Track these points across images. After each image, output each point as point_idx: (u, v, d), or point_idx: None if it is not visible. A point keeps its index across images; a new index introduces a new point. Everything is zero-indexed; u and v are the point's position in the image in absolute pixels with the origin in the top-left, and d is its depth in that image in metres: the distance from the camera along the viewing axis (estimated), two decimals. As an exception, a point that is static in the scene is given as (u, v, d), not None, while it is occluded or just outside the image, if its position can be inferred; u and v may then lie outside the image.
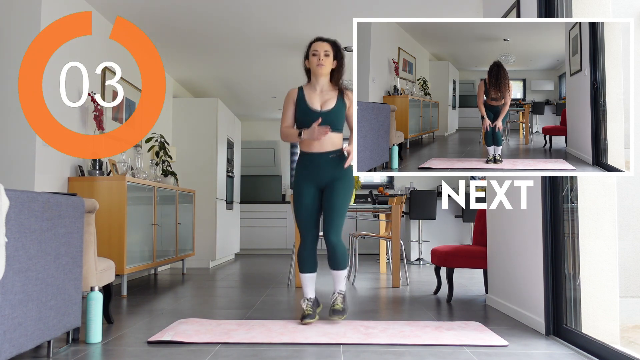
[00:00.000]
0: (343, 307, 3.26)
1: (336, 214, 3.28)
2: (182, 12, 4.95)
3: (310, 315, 3.22)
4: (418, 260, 7.49)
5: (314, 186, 3.31)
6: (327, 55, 3.29)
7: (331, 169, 3.29)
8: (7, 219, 2.03)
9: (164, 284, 5.39)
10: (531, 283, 3.22)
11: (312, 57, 3.30)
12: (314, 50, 3.30)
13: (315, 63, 3.28)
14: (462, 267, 4.22)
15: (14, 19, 4.01)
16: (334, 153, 3.30)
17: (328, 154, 3.29)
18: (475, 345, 2.74)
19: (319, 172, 3.29)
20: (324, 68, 3.29)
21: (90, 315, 2.78)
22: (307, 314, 3.21)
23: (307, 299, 3.32)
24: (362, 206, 5.40)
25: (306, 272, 3.39)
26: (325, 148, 3.28)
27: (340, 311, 3.22)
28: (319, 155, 3.29)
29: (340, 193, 3.29)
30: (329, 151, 3.29)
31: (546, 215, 3.02)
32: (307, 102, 3.31)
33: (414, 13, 4.94)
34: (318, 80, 3.35)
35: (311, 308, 3.27)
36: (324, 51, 3.28)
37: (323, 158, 3.29)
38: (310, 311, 3.24)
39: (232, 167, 8.06)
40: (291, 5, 4.81)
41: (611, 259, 2.74)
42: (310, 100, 3.32)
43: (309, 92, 3.36)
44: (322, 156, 3.29)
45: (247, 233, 9.46)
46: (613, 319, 2.71)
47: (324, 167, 3.28)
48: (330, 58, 3.31)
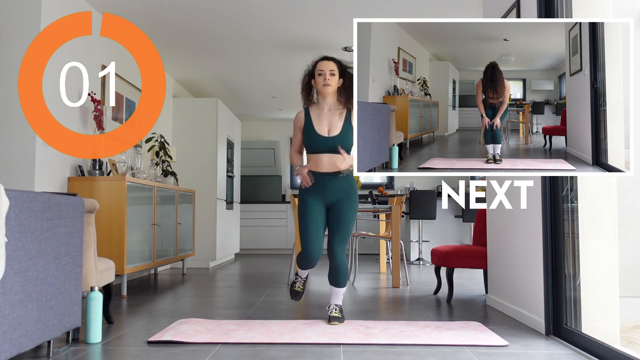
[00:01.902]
0: (341, 315, 3.30)
1: (343, 231, 3.30)
2: (182, 12, 4.95)
3: (300, 293, 3.58)
4: (418, 260, 7.49)
5: (321, 202, 3.31)
6: (333, 74, 3.26)
7: (338, 187, 3.29)
8: (7, 219, 2.03)
9: (164, 284, 5.39)
10: (531, 283, 3.22)
11: (318, 77, 3.28)
12: (319, 70, 3.27)
13: (322, 83, 3.25)
14: (462, 267, 4.22)
15: (14, 19, 4.01)
16: (342, 173, 3.30)
17: (338, 174, 3.28)
18: (475, 345, 2.74)
19: (326, 190, 3.28)
20: (330, 88, 3.27)
21: (90, 315, 2.78)
22: (298, 291, 3.57)
23: (301, 277, 3.59)
24: (362, 206, 5.40)
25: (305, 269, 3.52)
26: (334, 168, 3.28)
27: (339, 317, 3.26)
28: (328, 175, 3.28)
29: (348, 211, 3.30)
30: (339, 171, 3.28)
31: (546, 215, 3.02)
32: (314, 127, 3.29)
33: (413, 13, 4.94)
34: (325, 99, 3.32)
35: (302, 286, 3.59)
36: (329, 70, 3.25)
37: (333, 179, 3.28)
38: (300, 288, 3.58)
39: (232, 167, 8.06)
40: (291, 5, 4.81)
41: (611, 259, 2.74)
42: (317, 124, 3.29)
43: (315, 114, 3.32)
44: (331, 176, 3.28)
45: (247, 233, 9.46)
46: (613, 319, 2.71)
47: (332, 186, 3.28)
48: (336, 77, 3.27)
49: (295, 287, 3.58)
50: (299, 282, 3.58)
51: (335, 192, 3.29)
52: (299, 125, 3.37)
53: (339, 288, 3.34)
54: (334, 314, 3.27)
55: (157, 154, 5.95)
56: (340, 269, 3.30)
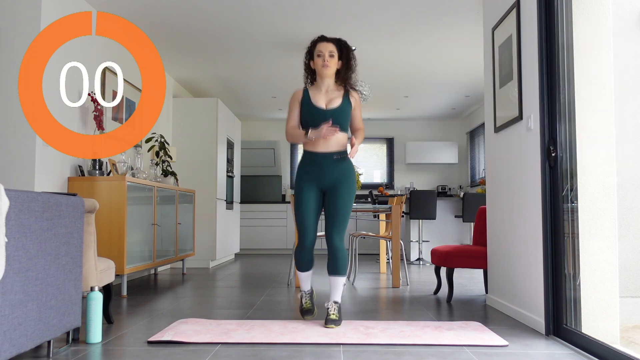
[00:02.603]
0: (338, 317, 3.21)
1: (340, 217, 3.26)
2: (182, 12, 4.95)
3: (310, 310, 3.36)
4: (418, 260, 7.49)
5: (315, 186, 3.30)
6: (332, 56, 3.28)
7: (335, 170, 3.27)
8: (7, 219, 2.03)
9: (164, 284, 5.39)
10: (531, 283, 3.22)
11: (317, 58, 3.29)
12: (318, 52, 3.29)
13: (321, 64, 3.27)
14: (462, 267, 4.22)
15: (14, 19, 4.01)
16: (339, 154, 3.29)
17: (332, 155, 3.27)
18: (475, 345, 2.74)
19: (322, 172, 3.27)
20: (329, 69, 3.28)
21: (90, 315, 2.78)
22: (307, 309, 3.37)
23: (305, 292, 3.46)
24: (362, 206, 5.40)
25: (304, 271, 3.43)
26: (330, 148, 3.27)
27: (336, 320, 3.18)
28: (324, 155, 3.27)
29: (345, 196, 3.27)
30: (333, 152, 3.28)
31: (546, 215, 3.02)
32: (312, 102, 3.30)
33: (413, 12, 4.94)
34: (323, 80, 3.34)
35: (310, 301, 3.41)
36: (328, 52, 3.27)
37: (327, 158, 3.27)
38: (309, 305, 3.39)
39: (232, 167, 8.06)
40: (291, 5, 4.81)
41: (611, 259, 2.74)
42: (316, 99, 3.31)
43: (314, 92, 3.35)
44: (326, 156, 3.27)
45: (247, 233, 9.46)
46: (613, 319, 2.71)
47: (327, 168, 3.27)
48: (335, 59, 3.30)
49: (303, 306, 3.43)
50: (304, 298, 3.45)
51: (331, 174, 3.27)
52: (297, 99, 3.36)
53: (339, 277, 3.27)
54: (332, 317, 3.18)
55: (157, 154, 5.96)
56: (339, 256, 3.24)
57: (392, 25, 5.25)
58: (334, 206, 3.26)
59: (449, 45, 5.86)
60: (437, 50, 6.02)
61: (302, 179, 3.32)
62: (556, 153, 2.95)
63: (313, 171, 3.28)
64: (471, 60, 6.39)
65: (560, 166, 2.94)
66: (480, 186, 8.43)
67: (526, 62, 3.30)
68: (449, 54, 6.15)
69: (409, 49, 5.97)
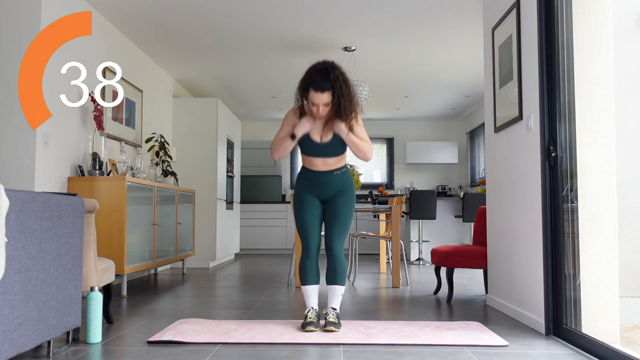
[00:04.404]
0: (338, 321, 3.13)
1: (341, 226, 3.23)
2: (182, 12, 4.95)
3: (314, 323, 3.09)
4: (418, 260, 7.49)
5: (316, 196, 3.29)
6: (327, 105, 3.12)
7: (335, 182, 3.26)
8: (7, 219, 2.03)
9: (164, 284, 5.38)
10: (531, 283, 3.22)
11: (312, 106, 3.13)
12: (312, 102, 3.11)
13: (315, 112, 3.14)
14: (462, 267, 4.22)
15: (14, 19, 4.01)
16: (339, 170, 3.27)
17: (333, 172, 3.25)
18: (475, 345, 2.74)
19: (322, 187, 3.25)
20: (323, 116, 3.18)
21: (90, 315, 2.78)
22: (311, 321, 3.10)
23: (312, 308, 3.21)
24: (362, 206, 5.40)
25: (310, 284, 3.26)
26: (329, 167, 3.25)
27: (336, 323, 3.09)
28: (324, 173, 3.25)
29: (345, 204, 3.25)
30: (333, 169, 3.25)
31: (546, 216, 3.02)
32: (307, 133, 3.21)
33: (413, 12, 4.94)
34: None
35: (315, 317, 3.15)
36: (323, 104, 3.10)
37: (327, 176, 3.25)
38: (314, 319, 3.13)
39: (232, 167, 8.06)
40: (291, 6, 4.81)
41: (611, 259, 2.74)
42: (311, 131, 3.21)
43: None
44: (327, 174, 3.25)
45: (247, 233, 9.46)
46: (613, 319, 2.71)
47: (327, 184, 3.25)
48: (329, 105, 3.14)
49: (308, 319, 3.14)
50: (310, 312, 3.18)
51: (330, 188, 3.25)
52: (293, 121, 3.24)
53: (338, 286, 3.22)
54: (331, 319, 3.11)
55: (157, 154, 5.96)
56: (338, 265, 3.21)
57: (392, 25, 5.25)
58: (334, 214, 3.24)
59: (449, 45, 5.86)
60: (437, 50, 6.02)
61: (302, 189, 3.28)
62: (556, 153, 2.95)
63: (313, 185, 3.26)
64: (471, 60, 6.39)
65: (560, 166, 2.94)
66: (480, 186, 8.43)
67: (526, 62, 3.29)
68: (449, 54, 6.15)
69: (409, 49, 5.98)
